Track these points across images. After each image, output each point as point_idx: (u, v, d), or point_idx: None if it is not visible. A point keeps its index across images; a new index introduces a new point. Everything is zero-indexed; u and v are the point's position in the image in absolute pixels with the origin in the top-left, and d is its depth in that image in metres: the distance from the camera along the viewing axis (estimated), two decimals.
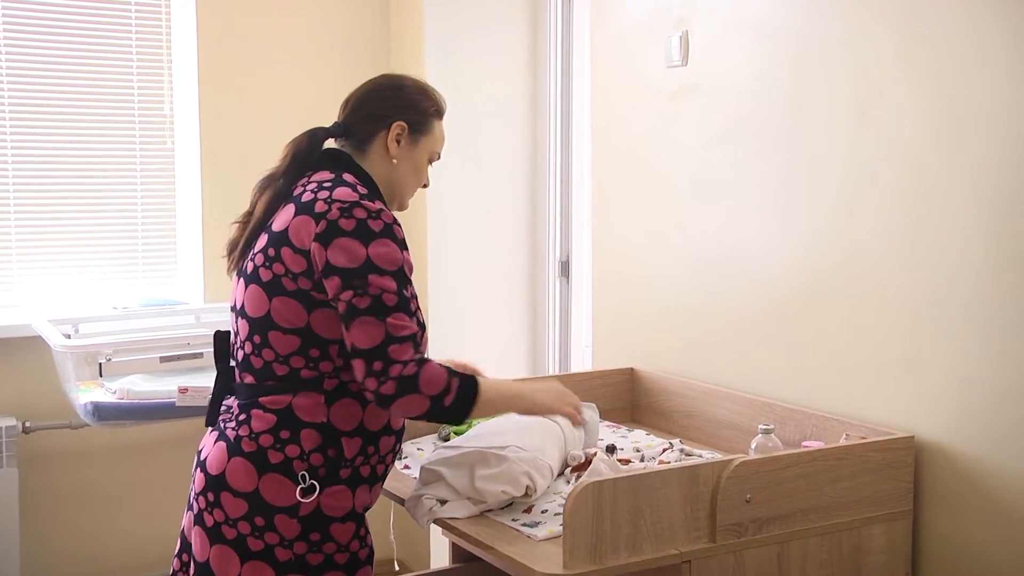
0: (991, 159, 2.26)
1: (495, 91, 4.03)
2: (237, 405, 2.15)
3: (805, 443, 2.50)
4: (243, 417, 2.12)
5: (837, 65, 2.58)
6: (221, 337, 2.25)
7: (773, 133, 2.76)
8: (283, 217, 2.12)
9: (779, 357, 2.77)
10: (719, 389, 2.91)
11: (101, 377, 3.28)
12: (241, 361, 2.17)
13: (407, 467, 2.62)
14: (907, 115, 2.42)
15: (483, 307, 4.07)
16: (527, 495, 2.30)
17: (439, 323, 3.94)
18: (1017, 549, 2.26)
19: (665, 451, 2.69)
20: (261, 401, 2.11)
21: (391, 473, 2.52)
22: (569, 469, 2.50)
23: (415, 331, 2.05)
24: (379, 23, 4.11)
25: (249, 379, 2.15)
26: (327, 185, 2.12)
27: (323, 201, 2.07)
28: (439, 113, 2.31)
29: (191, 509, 2.18)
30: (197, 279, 3.91)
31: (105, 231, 3.85)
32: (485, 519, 2.26)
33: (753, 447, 2.44)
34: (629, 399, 3.22)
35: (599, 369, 3.29)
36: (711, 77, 2.96)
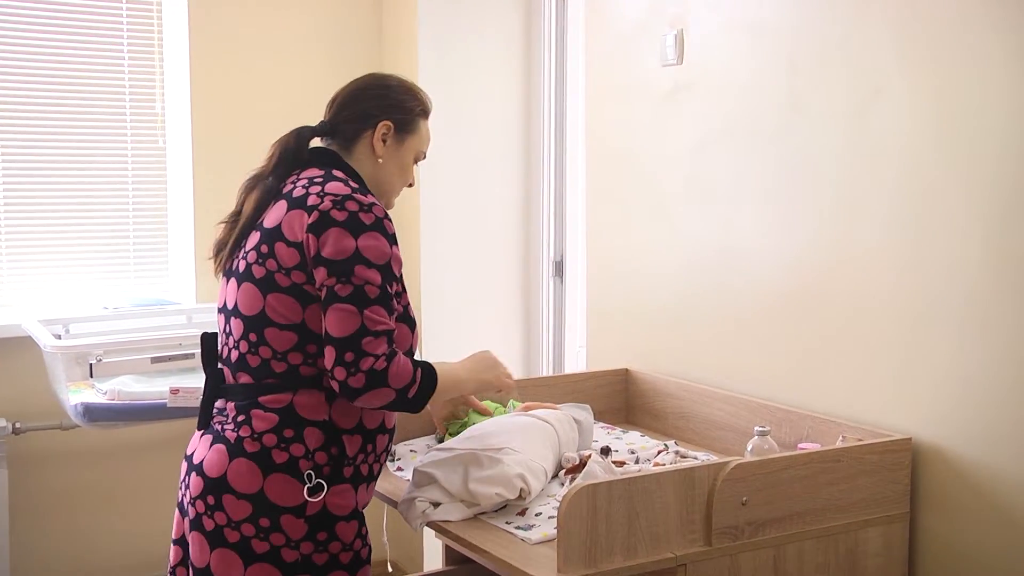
0: (989, 159, 2.24)
1: (488, 89, 4.03)
2: (233, 406, 2.13)
3: (801, 445, 2.49)
4: (242, 418, 2.10)
5: (834, 64, 2.57)
6: (209, 339, 2.24)
7: (769, 133, 2.74)
8: (275, 214, 2.12)
9: (775, 358, 2.76)
10: (714, 390, 2.89)
11: (92, 378, 3.26)
12: (235, 361, 2.15)
13: (400, 469, 2.61)
14: (904, 115, 2.41)
15: (476, 307, 4.06)
16: (521, 497, 2.29)
17: (432, 323, 3.93)
18: (1016, 553, 2.24)
19: (660, 453, 2.68)
20: (261, 401, 2.09)
21: (384, 475, 2.52)
22: (563, 471, 2.48)
23: (391, 328, 2.05)
24: (372, 22, 4.10)
25: (245, 379, 2.13)
26: (318, 180, 2.12)
27: (316, 195, 2.08)
28: (425, 112, 2.31)
29: (186, 515, 2.15)
30: (189, 279, 3.88)
31: (96, 230, 3.83)
32: (479, 522, 2.25)
33: (749, 449, 2.43)
34: (623, 400, 3.20)
35: (593, 370, 3.28)
36: (707, 76, 2.94)
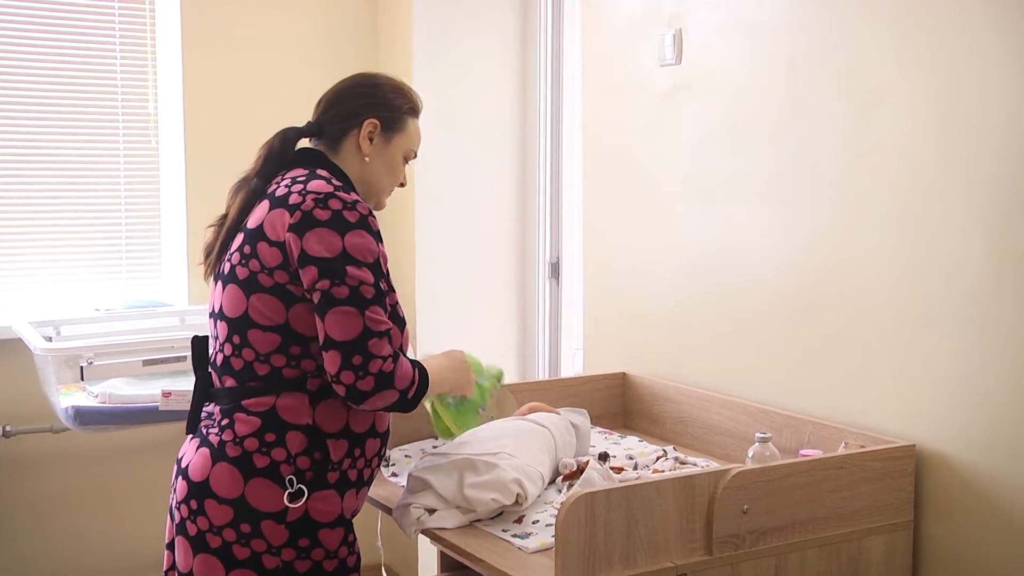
0: (989, 159, 2.22)
1: (484, 89, 4.01)
2: (219, 410, 2.11)
3: (803, 452, 2.46)
4: (226, 422, 2.08)
5: (834, 64, 2.54)
6: (200, 342, 2.22)
7: (769, 133, 2.72)
8: (257, 214, 2.11)
9: (775, 361, 2.73)
10: (713, 395, 2.86)
11: (83, 380, 3.24)
12: (221, 365, 2.14)
13: (394, 474, 2.58)
14: (904, 115, 2.38)
15: (471, 309, 4.04)
16: (517, 503, 2.26)
17: (427, 325, 3.91)
18: (1022, 561, 2.21)
19: (659, 459, 2.65)
20: (244, 404, 2.08)
21: (377, 480, 2.49)
22: (561, 477, 2.46)
23: (390, 326, 2.05)
24: (367, 22, 4.08)
25: (230, 382, 2.12)
26: (300, 179, 2.11)
27: (297, 193, 2.07)
28: (414, 111, 2.28)
29: (173, 519, 2.14)
30: (182, 280, 3.87)
31: (88, 231, 3.81)
32: (475, 529, 2.23)
33: (750, 456, 2.39)
34: (621, 405, 3.17)
35: (590, 374, 3.25)
36: (705, 76, 2.91)
